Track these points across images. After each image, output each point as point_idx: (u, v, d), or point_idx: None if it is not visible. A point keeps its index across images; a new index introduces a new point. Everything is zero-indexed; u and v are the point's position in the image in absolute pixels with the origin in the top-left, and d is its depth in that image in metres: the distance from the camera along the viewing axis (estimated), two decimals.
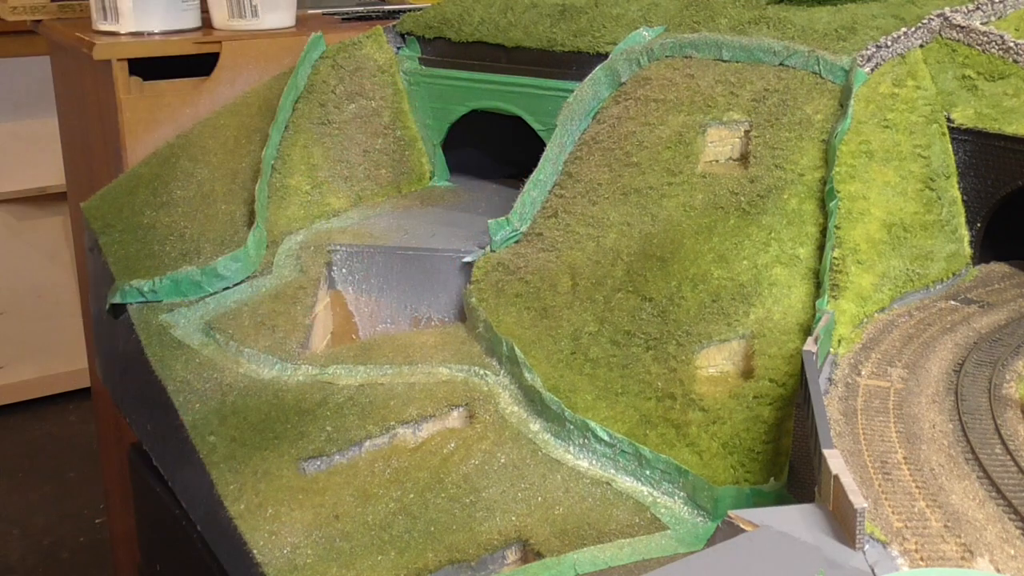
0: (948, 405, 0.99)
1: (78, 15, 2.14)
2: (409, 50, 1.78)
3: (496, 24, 1.69)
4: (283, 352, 1.29)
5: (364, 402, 1.20)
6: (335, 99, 1.69)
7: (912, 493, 0.85)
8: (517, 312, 1.29)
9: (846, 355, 1.08)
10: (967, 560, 0.77)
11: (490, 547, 1.02)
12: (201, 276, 1.40)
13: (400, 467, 1.12)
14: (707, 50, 1.44)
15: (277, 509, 1.07)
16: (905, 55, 1.38)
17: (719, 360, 1.15)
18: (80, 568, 2.89)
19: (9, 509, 3.14)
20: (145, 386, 1.35)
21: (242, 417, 1.20)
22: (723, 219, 1.25)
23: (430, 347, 1.31)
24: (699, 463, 1.06)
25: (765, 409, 1.07)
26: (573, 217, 1.36)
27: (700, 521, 1.02)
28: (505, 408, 1.19)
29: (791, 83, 1.35)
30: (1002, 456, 0.90)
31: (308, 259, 1.47)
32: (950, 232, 1.26)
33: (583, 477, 1.09)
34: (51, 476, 3.31)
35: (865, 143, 1.26)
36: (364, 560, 1.00)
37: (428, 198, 1.70)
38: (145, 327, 1.36)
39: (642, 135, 1.39)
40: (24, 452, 3.45)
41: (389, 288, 1.49)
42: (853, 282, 1.16)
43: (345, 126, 1.68)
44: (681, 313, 1.18)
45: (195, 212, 1.55)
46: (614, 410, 1.14)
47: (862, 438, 0.93)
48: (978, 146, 1.29)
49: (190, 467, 1.21)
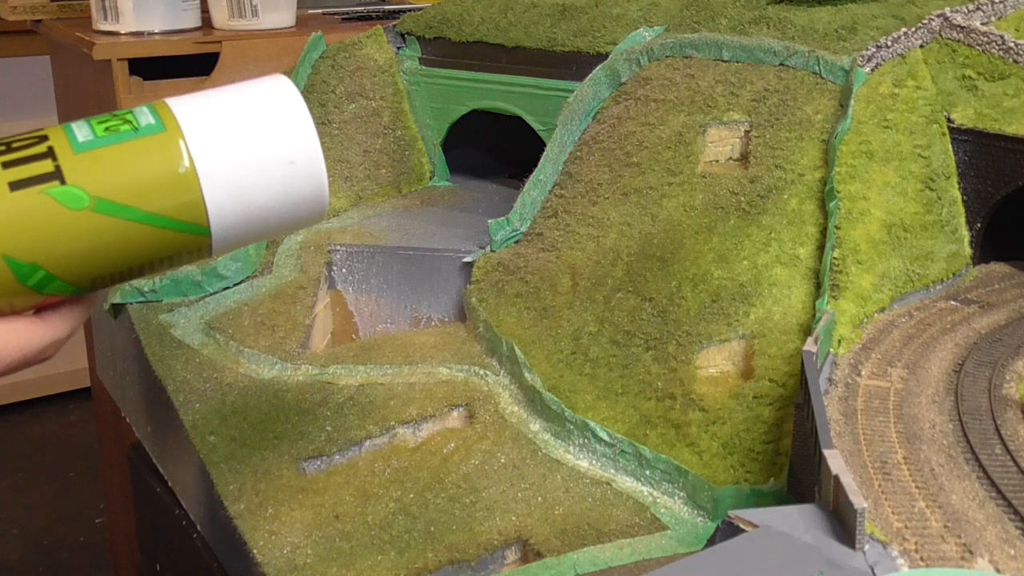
0: (948, 405, 0.99)
1: (78, 15, 2.14)
2: (409, 50, 1.78)
3: (496, 24, 1.69)
4: (283, 352, 1.29)
5: (364, 402, 1.20)
6: (335, 99, 1.69)
7: (912, 493, 0.85)
8: (517, 312, 1.29)
9: (846, 355, 1.08)
10: (967, 560, 0.77)
11: (490, 547, 1.02)
12: (201, 276, 1.40)
13: (400, 467, 1.12)
14: (707, 50, 1.44)
15: (277, 509, 1.07)
16: (905, 55, 1.38)
17: (719, 360, 1.15)
18: (80, 568, 2.89)
19: (9, 509, 3.14)
20: (145, 386, 1.35)
21: (242, 417, 1.20)
22: (723, 219, 1.25)
23: (430, 347, 1.31)
24: (699, 463, 1.06)
25: (765, 409, 1.07)
26: (573, 217, 1.36)
27: (700, 521, 1.02)
28: (505, 408, 1.19)
29: (791, 83, 1.35)
30: (1002, 456, 0.90)
31: (308, 259, 1.47)
32: (950, 232, 1.26)
33: (583, 477, 1.09)
34: (51, 476, 3.31)
35: (865, 143, 1.26)
36: (364, 560, 1.00)
37: (428, 198, 1.70)
38: (145, 327, 1.36)
39: (642, 135, 1.39)
40: (24, 452, 3.45)
41: (389, 288, 1.49)
42: (853, 282, 1.16)
43: (345, 126, 1.68)
44: (681, 313, 1.18)
45: None
46: (614, 410, 1.14)
47: (862, 438, 0.93)
48: (978, 146, 1.29)
49: (190, 467, 1.21)
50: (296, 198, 0.69)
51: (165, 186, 0.65)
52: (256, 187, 0.67)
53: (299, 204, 0.69)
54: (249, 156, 0.67)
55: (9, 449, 3.46)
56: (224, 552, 1.14)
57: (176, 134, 0.66)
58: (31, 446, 3.47)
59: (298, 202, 0.69)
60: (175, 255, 0.67)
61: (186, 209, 0.66)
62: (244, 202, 0.67)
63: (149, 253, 0.66)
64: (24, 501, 3.18)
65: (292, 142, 0.69)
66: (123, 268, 0.66)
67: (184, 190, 0.66)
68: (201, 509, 1.20)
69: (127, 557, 2.22)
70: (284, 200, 0.68)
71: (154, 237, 0.65)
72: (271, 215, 0.68)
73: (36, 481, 3.28)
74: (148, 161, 0.65)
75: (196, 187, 0.66)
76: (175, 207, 0.65)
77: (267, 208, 0.68)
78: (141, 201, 0.65)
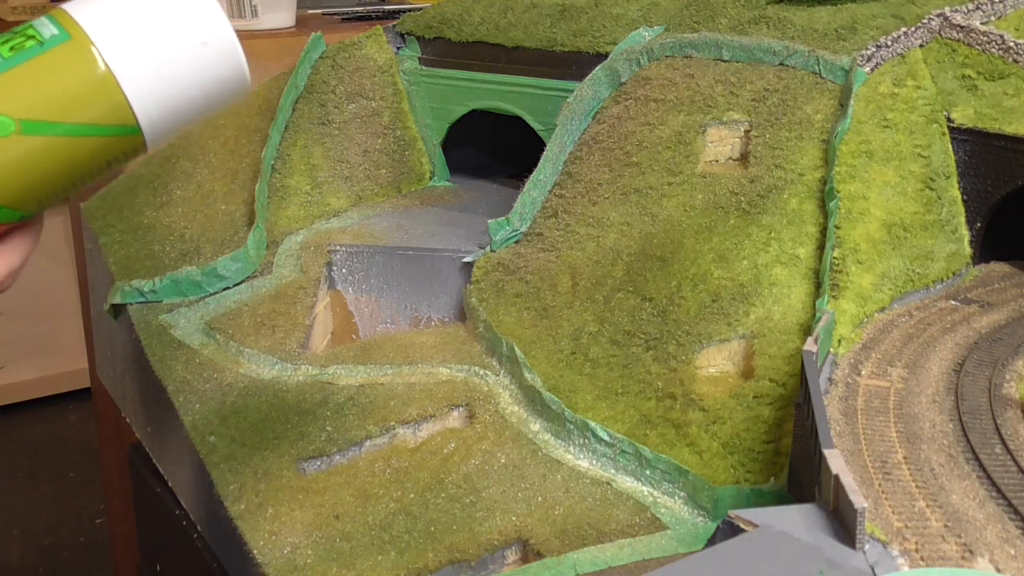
0: (948, 405, 0.99)
1: None
2: (409, 50, 1.78)
3: (496, 24, 1.69)
4: (283, 352, 1.29)
5: (364, 402, 1.20)
6: (335, 99, 1.69)
7: (912, 493, 0.85)
8: (517, 312, 1.29)
9: (846, 355, 1.08)
10: (967, 560, 0.77)
11: (490, 547, 1.02)
12: (201, 276, 1.40)
13: (400, 467, 1.12)
14: (707, 50, 1.44)
15: (277, 509, 1.07)
16: (905, 55, 1.38)
17: (719, 360, 1.15)
18: (80, 568, 2.89)
19: (9, 509, 3.14)
20: (145, 386, 1.35)
21: (242, 417, 1.20)
22: (723, 219, 1.25)
23: (430, 347, 1.31)
24: (699, 463, 1.06)
25: (765, 409, 1.07)
26: (573, 217, 1.36)
27: (700, 521, 1.02)
28: (505, 408, 1.19)
29: (791, 83, 1.35)
30: (1002, 456, 0.90)
31: (308, 259, 1.47)
32: (950, 232, 1.26)
33: (583, 477, 1.09)
34: (51, 476, 3.31)
35: (865, 143, 1.26)
36: (364, 560, 1.00)
37: (428, 198, 1.70)
38: (145, 327, 1.36)
39: (642, 135, 1.39)
40: (24, 452, 3.45)
41: (389, 288, 1.49)
42: (853, 282, 1.16)
43: (345, 126, 1.68)
44: (681, 313, 1.18)
45: (195, 212, 1.55)
46: (614, 410, 1.14)
47: (862, 438, 0.93)
48: (978, 146, 1.29)
49: (190, 467, 1.21)
50: (215, 78, 0.68)
51: (86, 94, 0.64)
52: (174, 75, 0.66)
53: (220, 83, 0.68)
54: (160, 46, 0.66)
55: (9, 449, 3.45)
56: (224, 552, 1.14)
57: (84, 40, 0.65)
58: (31, 446, 3.47)
59: (219, 81, 0.68)
60: (112, 159, 0.67)
61: (112, 113, 0.65)
62: (166, 92, 0.66)
63: (86, 163, 0.66)
64: (24, 501, 3.18)
65: (199, 24, 0.67)
66: (65, 183, 0.66)
67: (105, 95, 0.65)
68: (201, 509, 1.20)
69: (127, 557, 2.22)
70: (204, 82, 0.68)
71: (87, 147, 0.65)
72: (195, 99, 0.67)
73: (36, 481, 3.28)
74: (62, 73, 0.64)
75: (116, 89, 0.65)
76: (100, 114, 0.64)
77: (190, 93, 0.67)
78: (66, 114, 0.64)
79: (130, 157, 0.68)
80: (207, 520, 1.18)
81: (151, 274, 1.43)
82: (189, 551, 1.30)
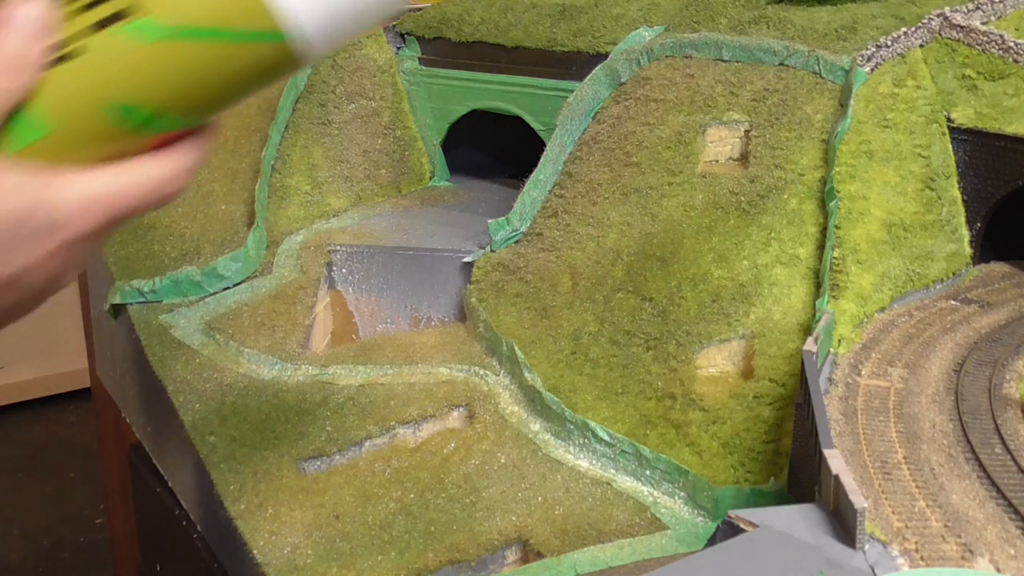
0: (948, 405, 0.99)
1: None
2: (409, 50, 1.78)
3: (496, 24, 1.69)
4: (283, 352, 1.29)
5: (364, 402, 1.20)
6: (335, 99, 1.69)
7: (912, 493, 0.85)
8: (517, 312, 1.29)
9: (846, 355, 1.08)
10: (967, 560, 0.77)
11: (490, 547, 1.02)
12: (201, 276, 1.40)
13: (400, 467, 1.12)
14: (707, 50, 1.44)
15: (277, 509, 1.07)
16: (905, 55, 1.38)
17: (719, 360, 1.15)
18: (80, 568, 2.89)
19: (9, 509, 3.14)
20: (145, 386, 1.35)
21: (242, 417, 1.20)
22: (723, 219, 1.25)
23: (430, 347, 1.31)
24: (699, 463, 1.06)
25: (765, 409, 1.07)
26: (573, 217, 1.36)
27: (700, 521, 1.02)
28: (505, 408, 1.19)
29: (791, 83, 1.35)
30: (1002, 456, 0.90)
31: (308, 259, 1.47)
32: (950, 232, 1.26)
33: (583, 477, 1.09)
34: (51, 476, 3.31)
35: (865, 143, 1.26)
36: (364, 560, 1.00)
37: (428, 198, 1.70)
38: (145, 327, 1.36)
39: (642, 135, 1.39)
40: (24, 452, 3.45)
41: (389, 288, 1.49)
42: (853, 282, 1.16)
43: (345, 126, 1.68)
44: (681, 313, 1.18)
45: (195, 212, 1.55)
46: (614, 410, 1.14)
47: (862, 438, 0.93)
48: (978, 146, 1.29)
49: (190, 467, 1.21)
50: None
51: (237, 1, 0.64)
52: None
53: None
54: None
55: (9, 449, 3.45)
56: (224, 552, 1.14)
57: None
58: (31, 446, 3.47)
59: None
60: (267, 69, 0.66)
61: (261, 19, 0.64)
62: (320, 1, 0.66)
63: (242, 71, 0.65)
64: (24, 501, 3.17)
65: None
66: (222, 92, 0.65)
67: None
68: (201, 509, 1.20)
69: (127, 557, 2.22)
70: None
71: (240, 54, 0.64)
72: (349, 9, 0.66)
73: (36, 481, 3.28)
74: None
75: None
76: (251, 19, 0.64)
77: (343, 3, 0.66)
78: (218, 20, 0.64)
79: (283, 71, 0.67)
80: (207, 520, 1.18)
81: (151, 274, 1.43)
82: (189, 551, 1.30)
